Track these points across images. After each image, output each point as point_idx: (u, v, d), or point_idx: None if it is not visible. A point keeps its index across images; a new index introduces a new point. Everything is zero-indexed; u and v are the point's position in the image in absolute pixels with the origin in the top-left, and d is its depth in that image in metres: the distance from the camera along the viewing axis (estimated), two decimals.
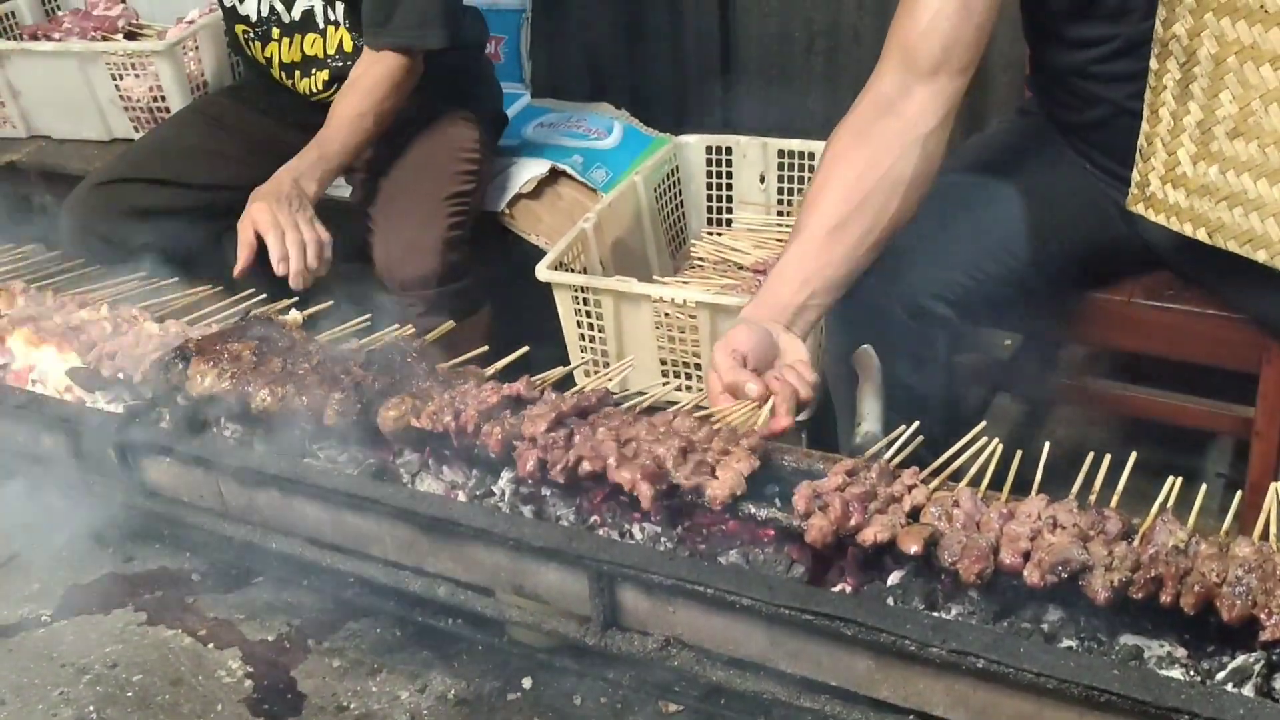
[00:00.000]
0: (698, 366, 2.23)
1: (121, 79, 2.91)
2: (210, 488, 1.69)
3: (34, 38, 3.11)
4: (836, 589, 1.38)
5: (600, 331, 2.28)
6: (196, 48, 2.96)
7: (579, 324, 2.29)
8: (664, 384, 2.18)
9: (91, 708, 2.32)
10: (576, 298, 2.26)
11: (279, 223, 2.20)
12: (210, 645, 2.43)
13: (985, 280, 1.91)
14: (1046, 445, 1.50)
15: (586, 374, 2.27)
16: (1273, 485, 1.37)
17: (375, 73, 2.35)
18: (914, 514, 1.36)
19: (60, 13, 3.27)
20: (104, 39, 3.05)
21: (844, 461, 1.43)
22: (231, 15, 2.61)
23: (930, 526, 1.32)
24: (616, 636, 1.44)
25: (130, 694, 2.33)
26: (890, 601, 1.34)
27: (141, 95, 2.92)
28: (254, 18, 2.55)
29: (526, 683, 2.20)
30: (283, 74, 2.58)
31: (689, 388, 2.23)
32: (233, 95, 2.80)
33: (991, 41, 2.72)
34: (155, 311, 2.00)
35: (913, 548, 1.30)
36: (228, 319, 1.97)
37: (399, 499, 1.52)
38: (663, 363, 2.26)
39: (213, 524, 1.72)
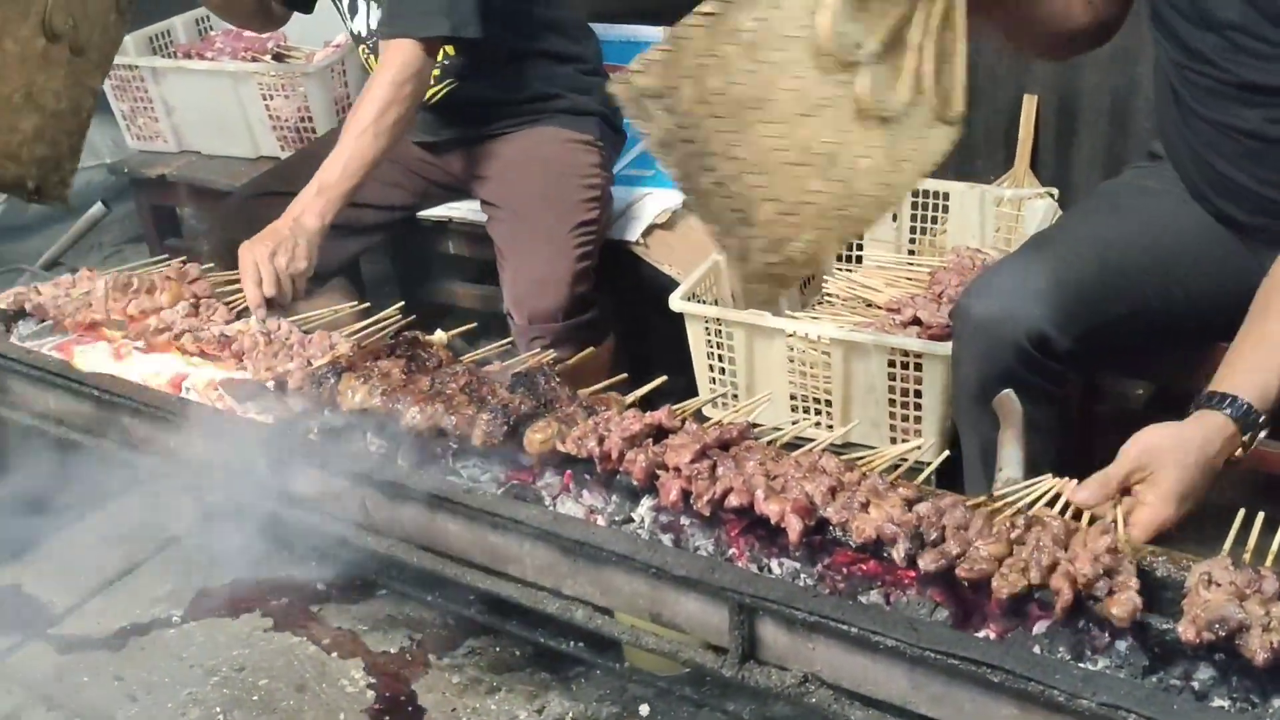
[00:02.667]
0: (828, 402, 2.23)
1: (271, 99, 3.01)
2: (355, 500, 1.73)
3: (187, 56, 3.22)
4: (980, 634, 1.37)
5: (731, 364, 2.29)
6: (344, 71, 3.04)
7: (709, 355, 2.30)
8: (800, 420, 2.19)
9: (218, 709, 2.38)
10: (709, 329, 2.27)
11: (253, 266, 2.18)
12: (334, 654, 2.48)
13: (1113, 318, 1.89)
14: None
15: (717, 405, 2.28)
16: None
17: (388, 68, 2.33)
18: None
19: (213, 33, 3.38)
20: (255, 59, 3.15)
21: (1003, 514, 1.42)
22: (355, 37, 2.67)
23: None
24: (754, 670, 1.44)
25: (256, 698, 2.39)
26: (1037, 650, 1.33)
27: (289, 115, 3.01)
28: (365, 34, 2.61)
29: (644, 710, 2.21)
30: None
31: (818, 424, 2.23)
32: None
33: (1137, 86, 2.72)
34: (301, 325, 2.06)
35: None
36: (373, 336, 2.02)
37: (543, 520, 1.54)
38: (793, 398, 2.26)
39: (354, 535, 1.75)
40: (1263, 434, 1.61)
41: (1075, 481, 1.53)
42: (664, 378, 1.83)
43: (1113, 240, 1.96)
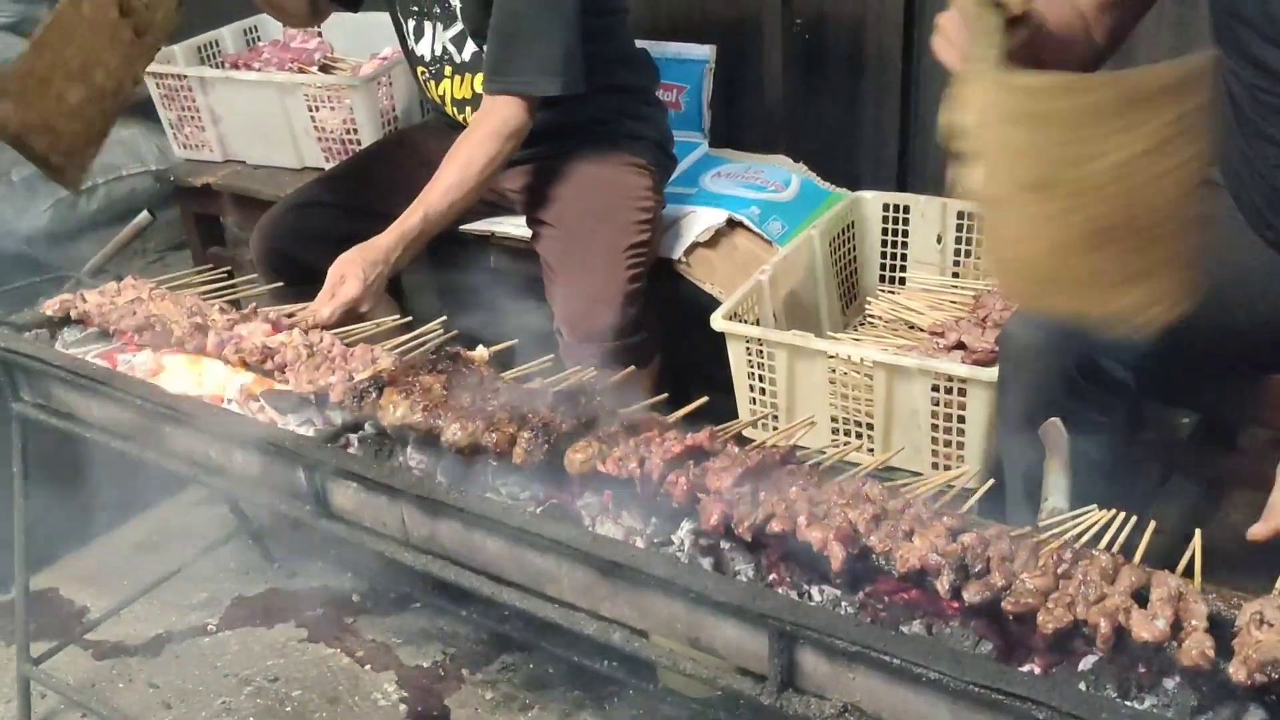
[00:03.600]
0: (870, 426, 2.21)
1: (317, 110, 3.02)
2: (394, 515, 1.73)
3: (235, 66, 3.24)
4: (1025, 669, 1.34)
5: (772, 384, 2.27)
6: (390, 84, 3.05)
7: (750, 375, 2.29)
8: (836, 443, 2.17)
9: (251, 718, 2.39)
10: (750, 349, 2.26)
11: (336, 299, 2.22)
12: (367, 667, 2.50)
13: (1166, 347, 1.85)
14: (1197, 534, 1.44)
15: (758, 427, 2.26)
16: None
17: (492, 120, 2.38)
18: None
19: (260, 43, 3.40)
20: (301, 70, 3.16)
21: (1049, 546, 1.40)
22: (411, 56, 2.68)
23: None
24: (793, 698, 1.42)
25: (289, 709, 2.40)
26: (1083, 687, 1.31)
27: (335, 127, 3.02)
28: (428, 58, 2.63)
29: None
30: (454, 109, 2.65)
31: (859, 448, 2.21)
32: (421, 130, 2.88)
33: None
34: (343, 337, 2.06)
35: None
36: (414, 349, 2.02)
37: (582, 541, 1.53)
38: (834, 420, 2.24)
39: (393, 551, 1.75)
40: None
41: (1122, 514, 1.51)
42: (705, 399, 1.81)
43: None
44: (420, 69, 2.67)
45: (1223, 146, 2.02)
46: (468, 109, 2.61)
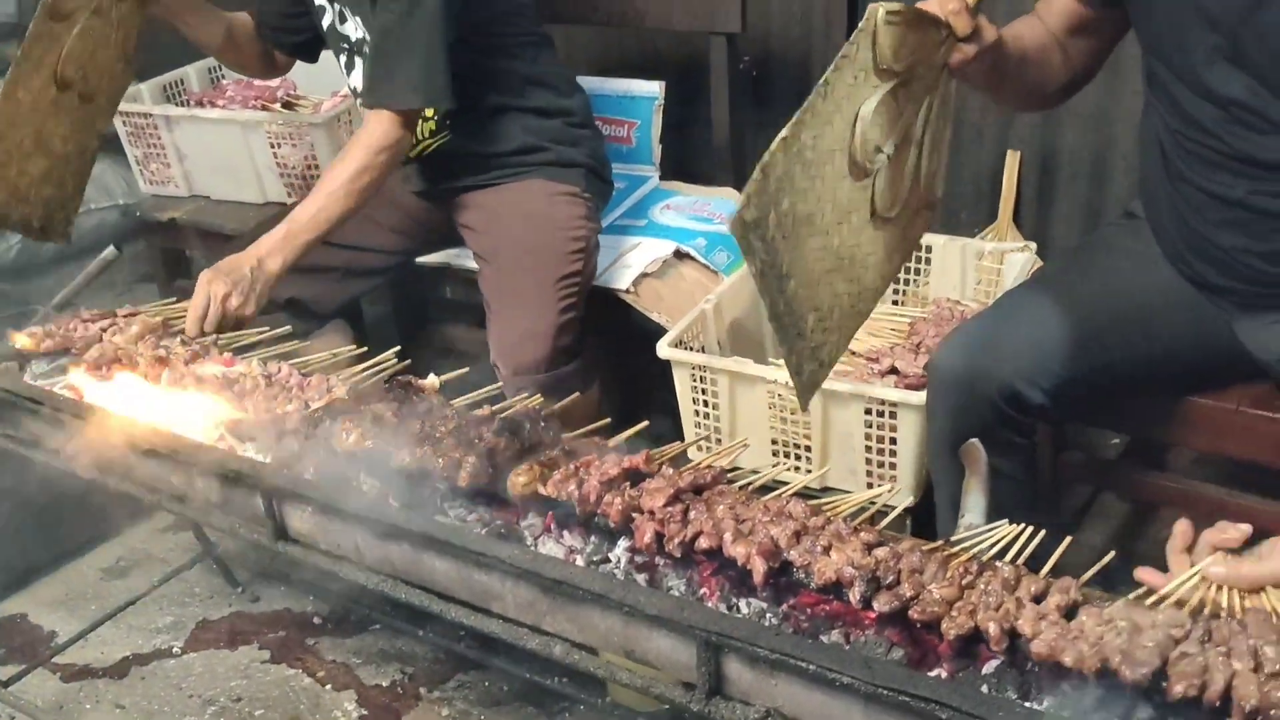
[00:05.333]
0: (808, 448, 2.31)
1: (279, 147, 3.11)
2: (349, 538, 1.81)
3: (200, 104, 3.33)
4: (933, 674, 1.44)
5: (715, 409, 2.37)
6: (350, 121, 3.15)
7: (695, 400, 2.39)
8: (775, 465, 2.26)
9: None
10: (694, 375, 2.36)
11: (205, 300, 2.29)
12: (328, 686, 2.57)
13: (1082, 374, 1.96)
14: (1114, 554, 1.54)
15: (699, 449, 2.36)
16: None
17: (364, 134, 2.46)
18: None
19: (224, 81, 3.49)
20: (264, 108, 3.25)
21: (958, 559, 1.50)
22: (353, 91, 2.76)
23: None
24: (720, 704, 1.51)
25: None
26: (985, 689, 1.40)
27: (297, 163, 3.11)
28: (359, 88, 2.69)
29: None
30: None
31: (798, 468, 2.31)
32: None
33: (1114, 146, 2.81)
34: (301, 368, 2.14)
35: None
36: (369, 378, 2.11)
37: (524, 560, 1.62)
38: (774, 442, 2.34)
39: (347, 572, 1.83)
40: None
41: (1030, 528, 1.61)
42: (645, 423, 1.91)
43: (1083, 297, 2.04)
44: (358, 100, 2.76)
45: (1148, 184, 2.13)
46: None
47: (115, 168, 3.94)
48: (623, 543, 1.67)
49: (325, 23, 2.59)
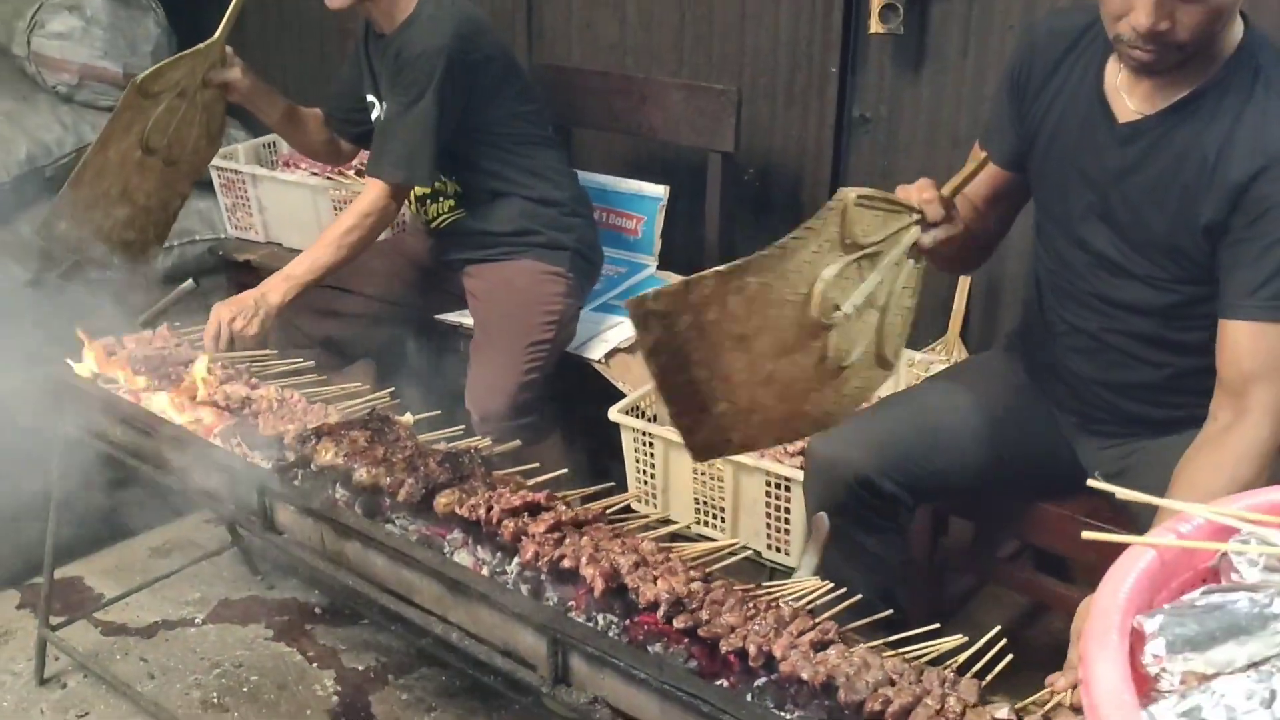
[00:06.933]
0: (722, 508, 2.74)
1: (339, 209, 3.65)
2: (315, 533, 2.30)
3: (285, 165, 3.91)
4: (718, 682, 1.86)
5: (652, 468, 2.82)
6: None
7: (637, 458, 2.84)
8: (696, 520, 2.69)
9: (215, 693, 2.96)
10: (637, 439, 2.81)
11: (216, 324, 2.82)
12: (315, 665, 3.05)
13: (935, 473, 2.32)
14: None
15: (641, 500, 2.81)
16: None
17: (360, 199, 2.97)
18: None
19: None
20: (339, 173, 3.81)
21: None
22: None
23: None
24: (562, 690, 1.95)
25: (245, 689, 2.96)
26: (750, 698, 1.82)
27: None
28: None
29: None
30: (416, 205, 3.25)
31: (709, 523, 2.74)
32: (407, 227, 3.53)
33: (1003, 260, 3.18)
34: (312, 397, 2.64)
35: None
36: (362, 409, 2.60)
37: (434, 563, 2.08)
38: (697, 501, 2.78)
39: (311, 559, 2.31)
40: None
41: (827, 585, 2.02)
42: (564, 470, 2.36)
43: (941, 406, 2.42)
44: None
45: (1025, 313, 2.54)
46: (428, 202, 3.22)
47: (216, 209, 4.55)
48: (517, 560, 2.12)
49: (374, 115, 3.13)
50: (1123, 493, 1.29)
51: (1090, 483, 1.41)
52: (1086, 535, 1.26)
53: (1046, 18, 2.55)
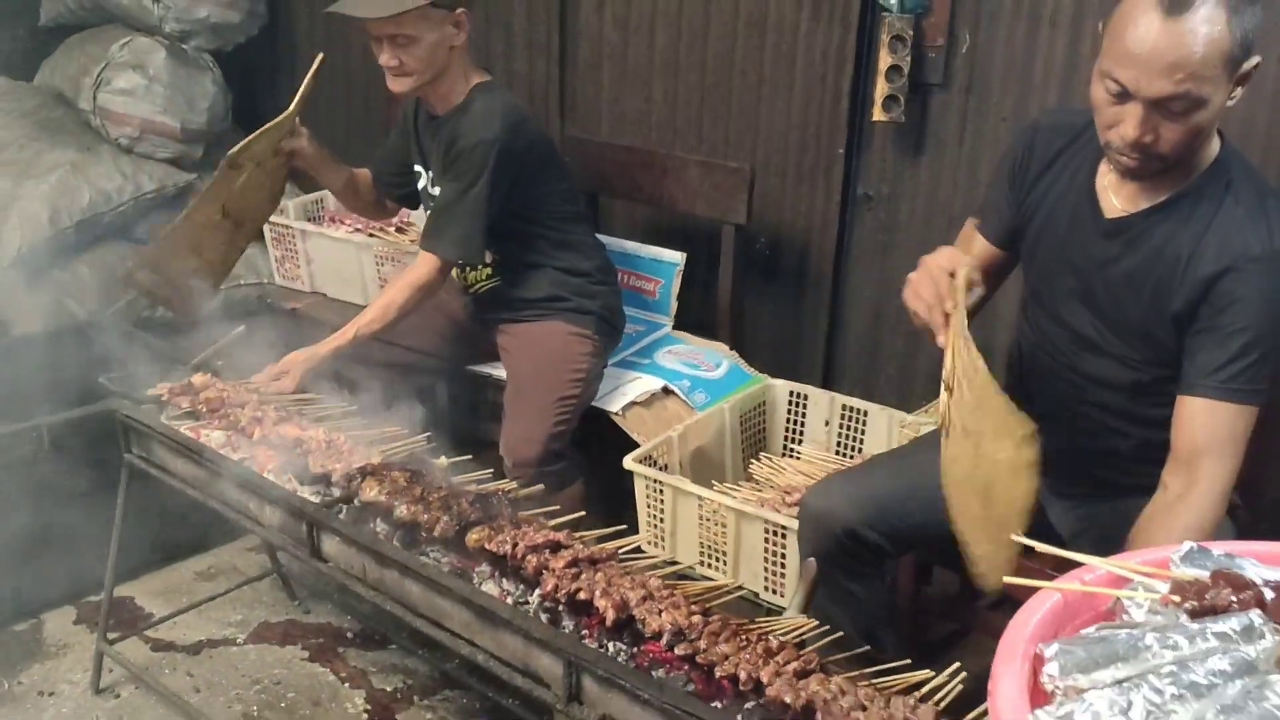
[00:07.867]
0: (724, 552, 3.00)
1: (383, 265, 3.95)
2: (358, 562, 2.57)
3: (332, 221, 4.21)
4: (713, 704, 2.11)
5: (662, 513, 3.08)
6: None
7: (649, 504, 3.10)
8: (700, 562, 2.95)
9: (255, 707, 3.22)
10: (649, 486, 3.07)
11: (291, 371, 3.13)
12: (346, 685, 3.31)
13: (915, 525, 2.54)
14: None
15: (651, 543, 3.07)
16: None
17: (413, 272, 3.27)
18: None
19: None
20: (381, 230, 4.11)
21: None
22: None
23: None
24: (574, 707, 2.21)
25: (283, 705, 3.22)
26: (739, 718, 2.07)
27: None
28: None
29: None
30: (458, 270, 3.51)
31: (712, 565, 3.00)
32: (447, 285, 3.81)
33: (994, 332, 3.44)
34: (357, 439, 2.92)
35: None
36: (402, 450, 2.87)
37: (464, 591, 2.35)
38: (702, 545, 3.04)
39: (354, 585, 2.58)
40: None
41: (813, 622, 2.28)
42: (582, 513, 2.62)
43: (921, 463, 2.64)
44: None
45: (1007, 381, 2.79)
46: (467, 269, 3.48)
47: (261, 254, 4.86)
48: (538, 591, 2.38)
49: (420, 185, 3.43)
50: (1041, 547, 1.55)
51: (1014, 537, 1.66)
52: (1007, 580, 1.52)
53: (1049, 113, 2.76)
